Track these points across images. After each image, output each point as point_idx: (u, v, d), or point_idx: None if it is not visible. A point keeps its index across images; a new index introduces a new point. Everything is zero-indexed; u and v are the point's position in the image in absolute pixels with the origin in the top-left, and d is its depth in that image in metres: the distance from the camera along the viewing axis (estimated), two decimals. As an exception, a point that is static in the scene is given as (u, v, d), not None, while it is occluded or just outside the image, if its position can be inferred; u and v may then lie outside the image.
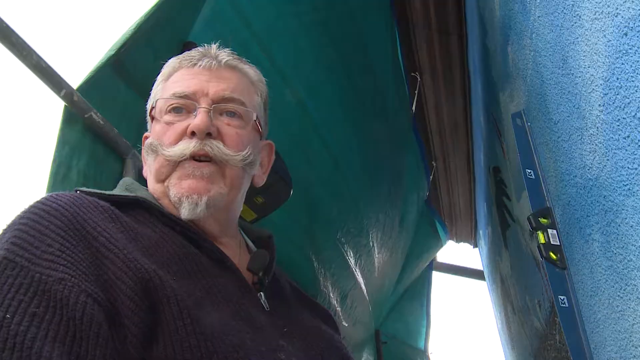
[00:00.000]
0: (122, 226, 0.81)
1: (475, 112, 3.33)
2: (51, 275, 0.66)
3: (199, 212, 0.90)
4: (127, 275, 0.72)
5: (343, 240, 2.52)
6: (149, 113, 1.01)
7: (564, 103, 1.23)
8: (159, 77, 1.03)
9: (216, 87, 0.96)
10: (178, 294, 0.74)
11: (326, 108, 2.20)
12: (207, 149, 0.91)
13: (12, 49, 1.03)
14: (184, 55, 1.01)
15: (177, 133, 0.94)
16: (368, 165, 2.73)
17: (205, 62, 0.98)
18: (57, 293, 0.64)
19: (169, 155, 0.92)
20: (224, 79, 0.98)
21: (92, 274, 0.70)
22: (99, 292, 0.68)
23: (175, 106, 0.95)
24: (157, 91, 1.02)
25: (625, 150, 0.91)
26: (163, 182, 0.93)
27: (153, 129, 0.99)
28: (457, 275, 5.24)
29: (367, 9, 2.54)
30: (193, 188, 0.90)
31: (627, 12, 0.85)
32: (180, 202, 0.90)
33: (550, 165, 1.42)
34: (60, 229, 0.73)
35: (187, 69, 0.99)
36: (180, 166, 0.92)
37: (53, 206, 0.76)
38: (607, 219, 1.04)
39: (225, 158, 0.93)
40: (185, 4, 1.48)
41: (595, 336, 1.18)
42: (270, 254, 1.00)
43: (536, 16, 1.39)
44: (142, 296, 0.71)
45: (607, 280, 1.07)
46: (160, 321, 0.72)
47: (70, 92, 1.14)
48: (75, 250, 0.71)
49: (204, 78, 0.97)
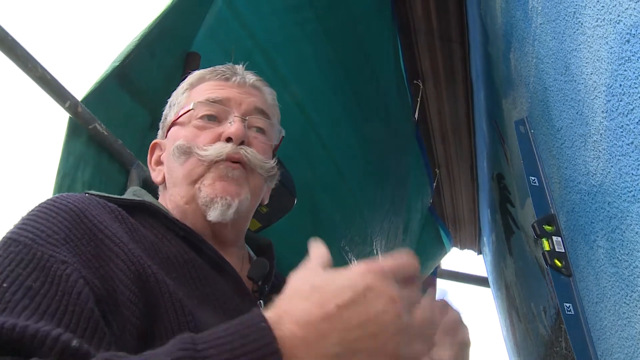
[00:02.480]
0: (127, 227, 0.82)
1: (478, 119, 3.33)
2: (54, 256, 0.67)
3: (229, 215, 0.91)
4: (130, 269, 0.73)
5: (347, 248, 2.52)
6: (174, 120, 1.01)
7: (566, 110, 1.23)
8: (183, 86, 1.05)
9: (249, 99, 1.00)
10: (178, 294, 0.75)
11: (329, 116, 2.21)
12: (242, 152, 0.94)
13: (17, 61, 1.04)
14: (211, 69, 1.04)
15: (211, 137, 0.95)
16: (371, 173, 2.73)
17: (238, 78, 1.01)
18: (58, 271, 0.65)
19: (206, 155, 0.93)
20: (253, 94, 1.02)
21: (93, 266, 0.70)
22: (97, 284, 0.68)
23: (209, 114, 0.97)
24: (181, 99, 1.03)
25: (629, 157, 0.91)
26: (194, 183, 0.94)
27: (176, 134, 0.99)
28: (462, 282, 5.22)
29: (369, 17, 2.55)
30: (227, 190, 0.92)
31: (629, 19, 0.85)
32: (213, 203, 0.91)
33: (554, 172, 1.41)
34: (68, 221, 0.74)
35: (217, 81, 1.01)
36: (215, 167, 0.93)
37: (63, 202, 0.77)
38: (611, 225, 1.04)
39: (258, 163, 0.96)
40: (189, 14, 1.49)
41: (601, 343, 1.17)
42: (270, 262, 1.01)
43: (538, 23, 1.39)
44: (141, 289, 0.72)
45: (613, 286, 1.07)
46: (161, 317, 0.72)
47: (74, 103, 1.15)
48: (79, 242, 0.72)
49: (235, 90, 1.00)
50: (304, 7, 1.97)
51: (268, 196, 1.08)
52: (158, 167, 1.03)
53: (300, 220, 1.93)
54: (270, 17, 1.79)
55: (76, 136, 1.18)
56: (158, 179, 1.02)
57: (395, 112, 2.99)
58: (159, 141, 1.05)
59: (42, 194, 1.13)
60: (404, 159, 3.25)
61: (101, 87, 1.24)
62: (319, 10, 2.05)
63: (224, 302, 0.83)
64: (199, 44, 1.52)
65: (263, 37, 1.74)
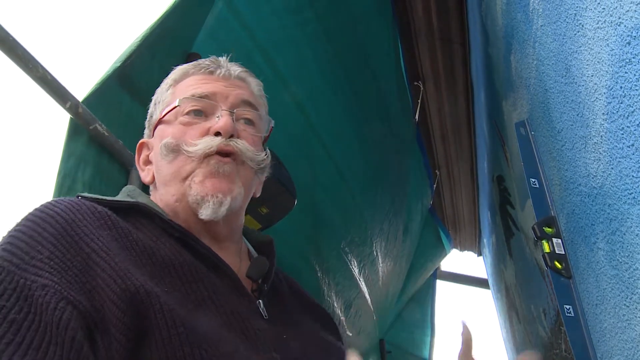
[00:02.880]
0: (117, 233, 0.81)
1: (479, 120, 3.33)
2: (36, 281, 0.66)
3: (221, 213, 0.90)
4: (116, 283, 0.72)
5: (347, 249, 2.52)
6: (160, 118, 1.00)
7: (567, 112, 1.23)
8: (166, 83, 1.03)
9: (235, 91, 0.98)
10: (170, 304, 0.74)
11: (329, 117, 2.21)
12: (233, 143, 0.92)
13: (18, 61, 1.04)
14: (194, 63, 1.02)
15: (199, 133, 0.94)
16: (372, 174, 2.73)
17: (223, 71, 1.00)
18: (39, 299, 0.65)
19: (194, 151, 0.91)
20: (239, 86, 1.01)
21: (79, 281, 0.70)
22: (83, 300, 0.68)
23: (195, 109, 0.96)
24: (166, 96, 1.01)
25: (630, 159, 0.91)
26: (184, 180, 0.92)
27: (163, 132, 0.98)
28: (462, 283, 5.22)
29: (370, 18, 2.55)
30: (217, 187, 0.90)
31: (630, 21, 0.85)
32: (204, 201, 0.90)
33: (554, 174, 1.41)
34: (53, 236, 0.73)
35: (202, 75, 1.00)
36: (205, 162, 0.91)
37: (50, 213, 0.77)
38: (612, 227, 1.04)
39: (249, 155, 0.94)
40: (189, 15, 1.49)
41: (601, 345, 1.17)
42: (270, 260, 1.00)
43: (539, 25, 1.39)
44: (128, 304, 0.71)
45: (613, 289, 1.07)
46: (151, 330, 0.72)
47: (75, 104, 1.15)
48: (64, 258, 0.71)
49: (221, 84, 0.99)
50: (304, 8, 1.97)
51: (260, 189, 1.06)
52: (147, 167, 1.02)
53: (300, 221, 1.93)
54: (271, 18, 1.79)
55: (77, 137, 1.18)
56: (147, 179, 1.01)
57: (395, 113, 2.99)
58: (146, 140, 1.04)
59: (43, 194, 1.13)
60: (404, 160, 3.25)
61: (102, 87, 1.24)
62: (320, 11, 2.05)
63: (222, 303, 0.82)
64: (200, 44, 1.52)
65: (263, 38, 1.74)
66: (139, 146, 1.04)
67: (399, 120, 3.06)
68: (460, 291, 5.29)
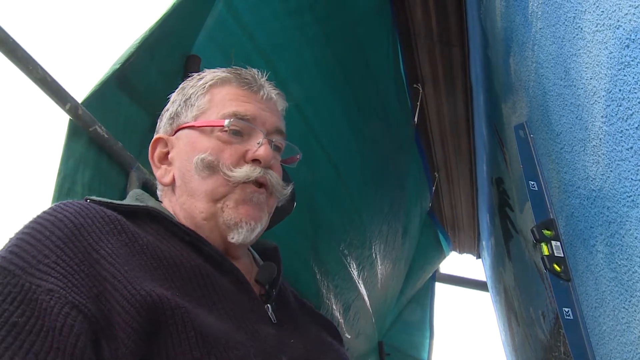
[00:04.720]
0: (127, 238, 0.80)
1: (478, 123, 3.33)
2: (41, 285, 0.66)
3: (252, 238, 0.93)
4: (126, 289, 0.71)
5: (346, 252, 2.52)
6: (192, 124, 0.98)
7: (566, 114, 1.23)
8: (203, 85, 1.01)
9: (272, 118, 1.01)
10: (180, 308, 0.74)
11: (328, 119, 2.21)
12: (268, 177, 0.95)
13: (17, 63, 1.04)
14: (236, 73, 1.02)
15: (237, 155, 0.95)
16: (371, 177, 2.73)
17: (265, 93, 1.01)
18: (43, 303, 0.65)
19: (234, 177, 0.93)
20: (274, 111, 1.03)
21: (85, 285, 0.69)
22: (89, 304, 0.68)
23: (235, 129, 0.96)
24: (202, 102, 0.99)
25: (629, 162, 0.91)
26: (217, 202, 0.93)
27: (196, 141, 0.96)
28: (461, 286, 5.22)
29: (369, 20, 2.55)
30: (251, 215, 0.93)
31: (629, 25, 0.85)
32: (238, 227, 0.92)
33: (553, 176, 1.42)
34: (61, 240, 0.73)
35: (241, 89, 1.00)
36: (241, 188, 0.93)
37: (58, 217, 0.76)
38: (611, 230, 1.04)
39: (278, 189, 0.98)
40: (189, 17, 1.49)
41: (600, 348, 1.17)
42: (277, 265, 1.01)
43: (538, 28, 1.39)
44: (138, 310, 0.71)
45: (612, 291, 1.07)
46: (161, 335, 0.71)
47: (75, 105, 1.15)
48: (71, 262, 0.71)
49: (260, 106, 1.00)
50: (304, 11, 1.97)
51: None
52: (164, 166, 1.00)
53: (299, 223, 1.93)
54: (271, 21, 1.79)
55: (76, 138, 1.18)
56: (165, 180, 0.99)
57: (394, 115, 2.99)
58: (164, 137, 1.01)
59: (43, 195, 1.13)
60: (403, 163, 3.25)
61: (101, 89, 1.24)
62: (319, 13, 2.05)
63: (232, 307, 0.83)
64: (199, 46, 1.52)
65: (263, 40, 1.74)
66: (154, 141, 1.02)
67: (398, 122, 3.06)
68: (459, 293, 5.30)
